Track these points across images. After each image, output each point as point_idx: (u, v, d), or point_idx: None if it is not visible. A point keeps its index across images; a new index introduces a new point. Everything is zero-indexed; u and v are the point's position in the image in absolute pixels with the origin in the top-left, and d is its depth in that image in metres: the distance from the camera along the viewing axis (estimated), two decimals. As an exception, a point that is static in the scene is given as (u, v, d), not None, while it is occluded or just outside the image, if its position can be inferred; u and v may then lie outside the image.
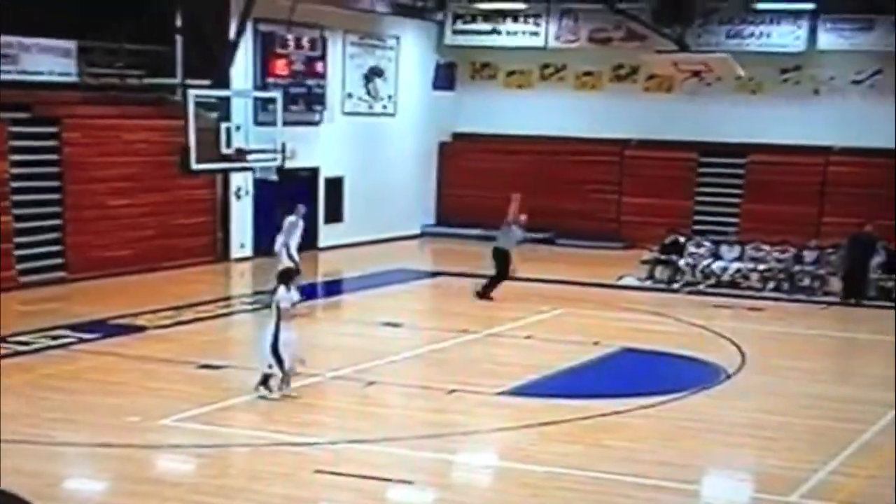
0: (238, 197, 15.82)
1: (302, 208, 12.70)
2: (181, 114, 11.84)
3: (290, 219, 12.46)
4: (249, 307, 12.62)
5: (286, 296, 8.20)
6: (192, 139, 11.47)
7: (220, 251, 15.72)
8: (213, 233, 15.67)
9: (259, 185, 15.42)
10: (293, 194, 16.60)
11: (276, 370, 8.16)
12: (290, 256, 12.02)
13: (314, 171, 17.14)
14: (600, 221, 18.78)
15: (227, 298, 13.39)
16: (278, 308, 8.15)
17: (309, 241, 17.04)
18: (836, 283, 13.88)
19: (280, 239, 12.39)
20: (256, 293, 13.42)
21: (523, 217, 13.56)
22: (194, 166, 11.73)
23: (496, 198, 19.32)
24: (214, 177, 15.06)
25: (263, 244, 16.11)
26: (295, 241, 12.35)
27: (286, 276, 8.46)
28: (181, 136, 11.75)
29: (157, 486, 6.58)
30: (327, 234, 17.30)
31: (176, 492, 6.50)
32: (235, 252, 15.84)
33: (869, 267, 13.65)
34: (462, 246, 18.26)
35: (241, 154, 12.13)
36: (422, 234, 19.51)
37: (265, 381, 8.25)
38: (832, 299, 13.62)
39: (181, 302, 12.20)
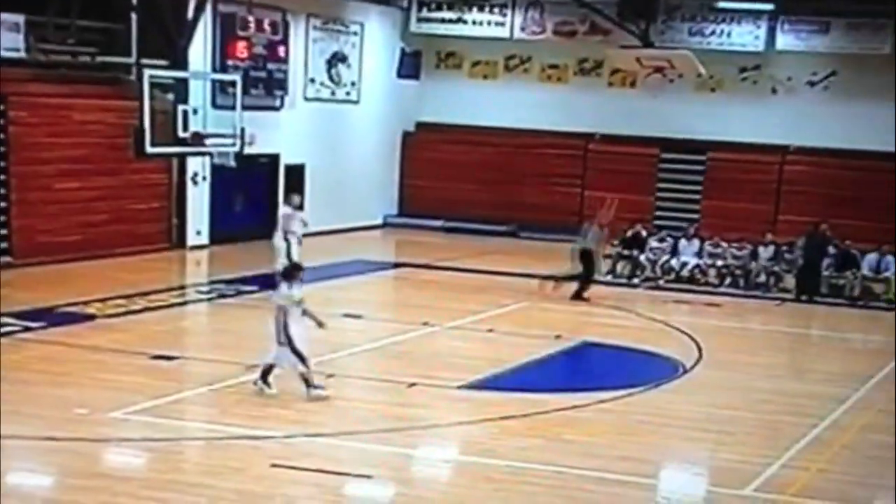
0: (195, 182, 15.42)
1: (296, 198, 11.89)
2: (136, 94, 11.47)
3: (285, 210, 11.68)
4: (205, 296, 12.34)
5: (286, 293, 7.99)
6: (147, 121, 11.11)
7: (175, 238, 15.31)
8: (168, 219, 15.26)
9: (217, 170, 15.06)
10: (252, 181, 16.35)
11: (301, 367, 7.95)
12: (289, 254, 11.19)
13: (274, 158, 16.82)
14: (563, 214, 18.84)
15: (182, 287, 13.07)
16: (280, 306, 7.94)
17: (268, 230, 16.85)
18: (790, 280, 14.14)
19: (278, 234, 11.73)
20: (212, 282, 13.13)
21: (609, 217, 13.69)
22: (149, 149, 11.38)
23: (459, 189, 19.47)
24: (170, 161, 14.67)
25: (220, 231, 15.81)
26: (296, 236, 11.58)
27: (288, 273, 8.25)
28: (135, 117, 11.37)
29: (107, 481, 6.36)
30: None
31: (126, 487, 6.28)
32: (192, 239, 15.46)
33: (822, 265, 13.93)
34: (424, 237, 18.16)
35: (197, 138, 11.80)
36: (384, 225, 19.32)
37: (307, 382, 8.01)
38: (787, 296, 13.86)
39: (133, 290, 11.85)
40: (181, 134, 11.53)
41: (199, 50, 14.74)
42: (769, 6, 17.32)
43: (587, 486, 6.61)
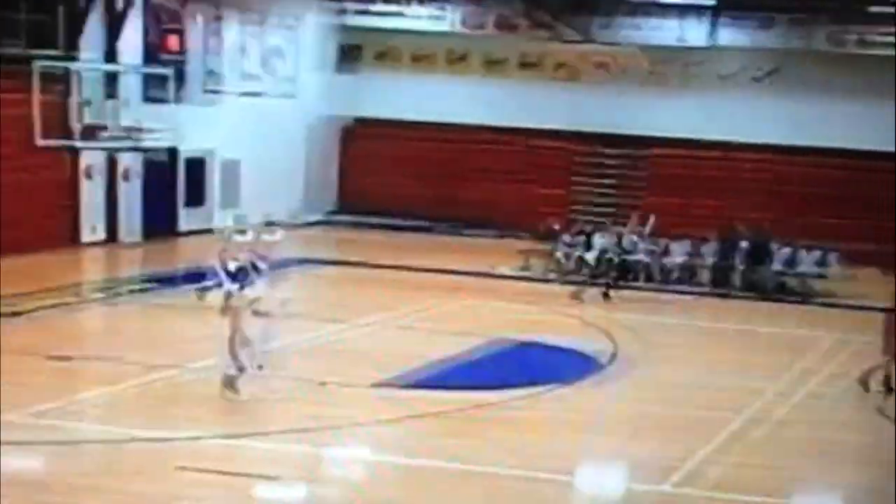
0: (89, 177, 14.75)
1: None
2: (28, 87, 10.92)
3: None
4: (101, 295, 11.91)
5: (239, 295, 7.91)
6: (37, 113, 10.59)
7: (70, 235, 14.55)
8: (61, 215, 14.43)
9: (148, 166, 14.65)
10: (187, 176, 15.95)
11: (233, 371, 7.78)
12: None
13: (208, 153, 16.46)
14: (506, 211, 18.76)
15: (78, 285, 12.52)
16: (232, 308, 7.81)
17: (203, 227, 16.42)
18: (705, 275, 14.24)
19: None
20: (108, 280, 12.69)
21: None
22: (39, 142, 10.83)
23: (400, 185, 19.22)
24: (64, 155, 13.94)
25: (151, 228, 15.35)
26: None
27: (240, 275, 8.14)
28: (29, 109, 10.85)
29: (3, 487, 6.02)
30: (222, 219, 16.61)
31: (23, 491, 5.98)
32: (86, 236, 14.77)
33: (736, 260, 14.07)
34: (364, 234, 17.89)
35: (90, 130, 11.31)
36: (323, 222, 19.02)
37: (231, 382, 7.79)
38: (702, 289, 13.90)
39: (28, 289, 11.32)
40: (75, 126, 11.02)
41: (131, 43, 14.30)
42: (711, 1, 17.36)
43: (506, 484, 6.52)
